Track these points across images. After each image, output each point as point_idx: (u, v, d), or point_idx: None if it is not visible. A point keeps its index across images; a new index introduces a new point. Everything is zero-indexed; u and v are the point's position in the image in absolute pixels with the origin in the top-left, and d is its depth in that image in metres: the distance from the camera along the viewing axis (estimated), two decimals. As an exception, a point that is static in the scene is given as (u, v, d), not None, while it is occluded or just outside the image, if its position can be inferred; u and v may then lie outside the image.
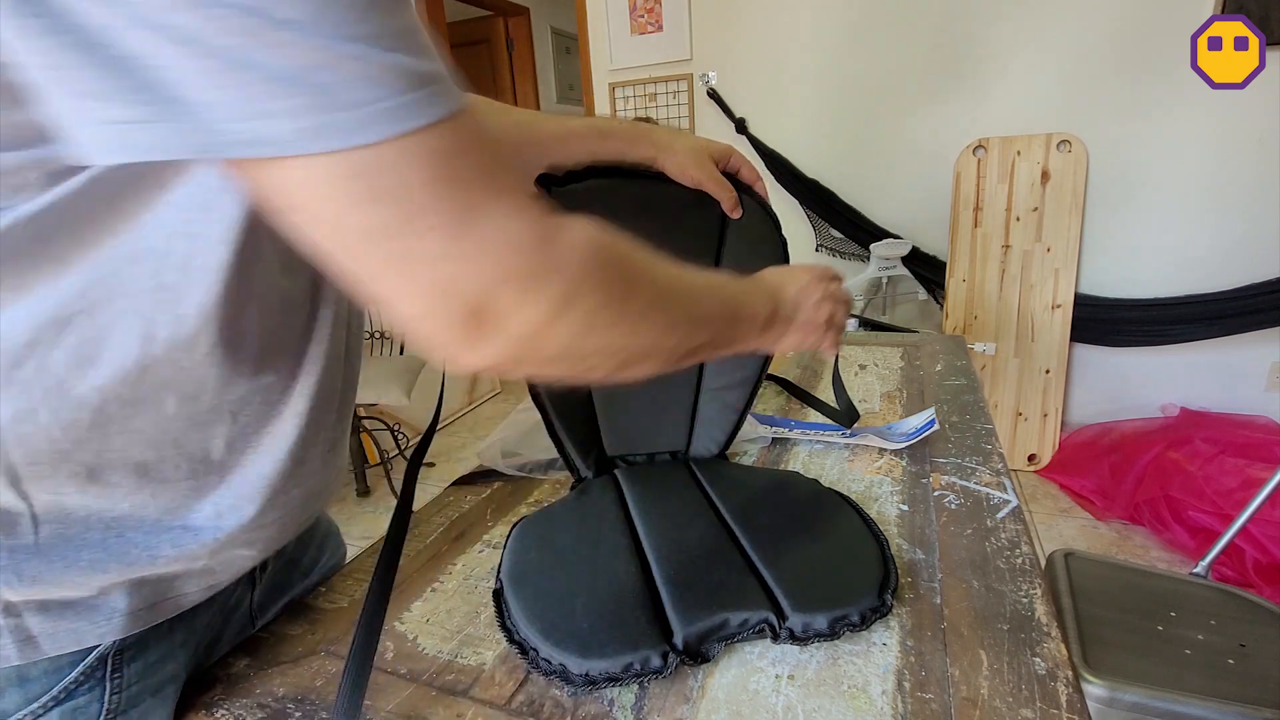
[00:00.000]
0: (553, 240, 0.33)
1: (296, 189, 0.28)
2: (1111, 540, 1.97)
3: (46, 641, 0.39)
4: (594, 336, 0.36)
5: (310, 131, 0.26)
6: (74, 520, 0.38)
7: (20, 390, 0.33)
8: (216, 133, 0.26)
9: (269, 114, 0.25)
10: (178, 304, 0.35)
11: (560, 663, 0.47)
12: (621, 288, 0.37)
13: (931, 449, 0.79)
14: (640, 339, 0.39)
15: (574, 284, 0.33)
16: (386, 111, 0.27)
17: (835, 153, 2.51)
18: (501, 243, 0.31)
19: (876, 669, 0.47)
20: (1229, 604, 1.05)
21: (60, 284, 0.32)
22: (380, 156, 0.27)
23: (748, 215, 0.71)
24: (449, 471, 2.57)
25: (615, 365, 0.39)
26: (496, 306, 0.31)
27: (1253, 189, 2.07)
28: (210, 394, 0.39)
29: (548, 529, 0.62)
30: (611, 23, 2.67)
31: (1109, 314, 2.27)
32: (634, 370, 0.40)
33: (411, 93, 0.27)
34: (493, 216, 0.30)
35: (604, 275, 0.35)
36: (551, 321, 0.33)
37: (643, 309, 0.38)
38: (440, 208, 0.29)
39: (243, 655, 0.52)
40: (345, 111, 0.26)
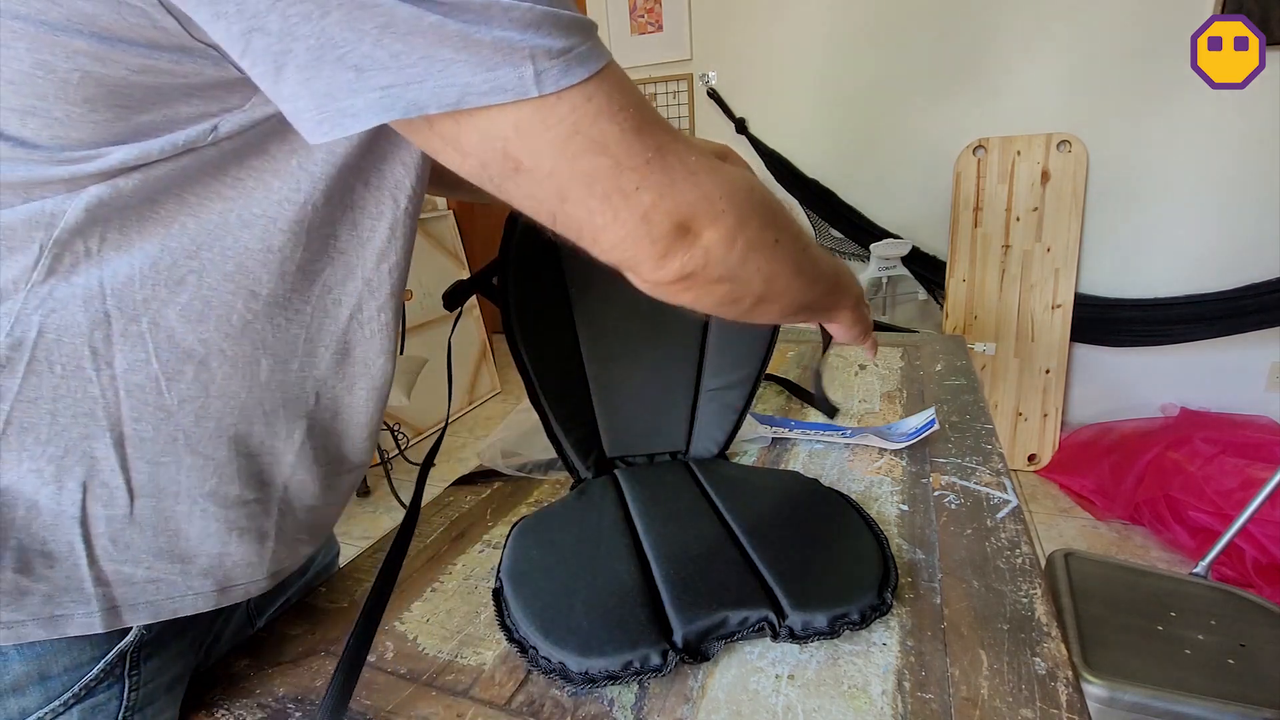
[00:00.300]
0: (724, 173, 0.37)
1: (521, 137, 0.31)
2: (1111, 540, 1.97)
3: (127, 612, 0.41)
4: (751, 260, 0.40)
5: (531, 78, 0.30)
6: (166, 494, 0.40)
7: (135, 342, 0.36)
8: (463, 86, 0.29)
9: (500, 65, 0.29)
10: (282, 264, 0.39)
11: (560, 661, 0.47)
12: (773, 223, 0.41)
13: (931, 449, 0.79)
14: (780, 274, 0.43)
15: (743, 210, 0.38)
16: (581, 56, 0.31)
17: (835, 153, 2.51)
18: (689, 174, 0.35)
19: (876, 669, 0.47)
20: (1229, 604, 1.05)
21: (178, 237, 0.36)
22: (589, 98, 0.31)
23: None
24: (449, 471, 2.57)
25: (756, 297, 0.42)
26: (692, 225, 0.36)
27: (1253, 189, 2.07)
28: (298, 362, 0.42)
29: (548, 529, 0.62)
30: (611, 23, 2.67)
31: (1109, 314, 2.27)
32: (764, 310, 0.44)
33: (588, 40, 0.32)
34: (677, 153, 0.35)
35: (761, 209, 0.40)
36: (729, 239, 0.37)
37: (786, 247, 0.42)
38: (638, 147, 0.33)
39: (243, 655, 0.52)
40: (553, 60, 0.30)
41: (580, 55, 0.31)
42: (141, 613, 0.41)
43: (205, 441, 0.40)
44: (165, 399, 0.38)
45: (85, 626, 0.39)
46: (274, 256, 0.38)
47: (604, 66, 0.32)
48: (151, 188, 0.34)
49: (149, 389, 0.37)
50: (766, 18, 2.46)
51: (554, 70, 0.30)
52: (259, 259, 0.38)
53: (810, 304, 0.49)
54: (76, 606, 0.39)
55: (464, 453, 2.76)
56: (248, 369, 0.40)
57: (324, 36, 0.27)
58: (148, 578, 0.41)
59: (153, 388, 0.37)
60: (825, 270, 0.50)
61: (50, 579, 0.38)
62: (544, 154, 0.32)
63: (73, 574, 0.38)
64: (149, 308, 0.36)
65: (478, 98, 0.29)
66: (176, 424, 0.39)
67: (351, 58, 0.28)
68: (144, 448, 0.38)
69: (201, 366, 0.38)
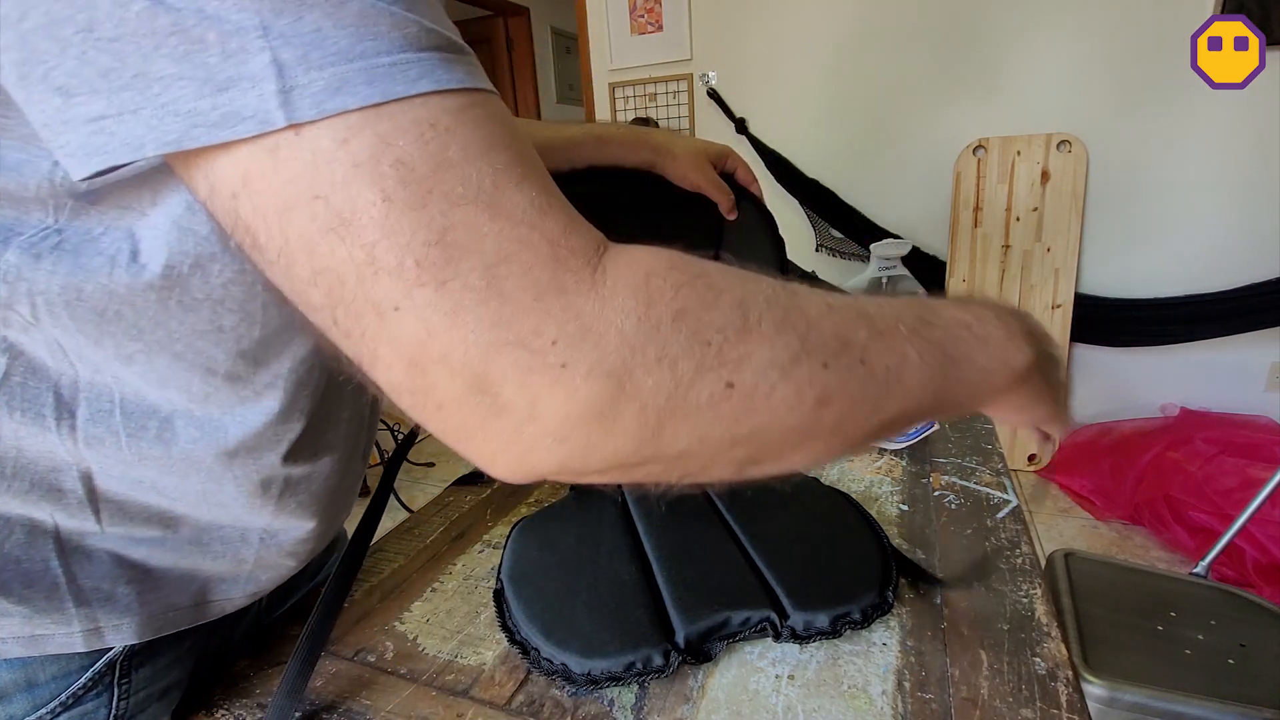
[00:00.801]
0: (595, 289, 0.23)
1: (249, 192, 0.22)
2: (1111, 540, 1.97)
3: (110, 633, 0.40)
4: (678, 426, 0.25)
5: (275, 96, 0.20)
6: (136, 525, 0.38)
7: (99, 393, 0.33)
8: (188, 115, 0.20)
9: (233, 79, 0.20)
10: (238, 342, 0.33)
11: (562, 662, 0.47)
12: (731, 350, 0.25)
13: (931, 449, 0.79)
14: (770, 426, 0.26)
15: (638, 347, 0.23)
16: (377, 70, 0.21)
17: (835, 153, 2.51)
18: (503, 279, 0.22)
19: (876, 669, 0.47)
20: (1229, 604, 1.04)
21: (115, 322, 0.31)
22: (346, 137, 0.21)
23: (744, 216, 0.71)
24: (449, 471, 2.57)
25: (729, 467, 0.27)
26: (500, 388, 0.22)
27: (1253, 189, 2.07)
28: (274, 429, 0.38)
29: (548, 529, 0.62)
30: (611, 23, 2.67)
31: (1109, 314, 2.27)
32: (771, 464, 0.28)
33: (412, 48, 0.21)
34: (481, 238, 0.22)
35: (698, 329, 0.24)
36: (599, 408, 0.23)
37: (770, 384, 0.26)
38: (405, 231, 0.21)
39: (243, 655, 0.52)
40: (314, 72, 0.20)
41: (373, 69, 0.21)
42: (126, 631, 0.40)
43: (173, 489, 0.38)
44: (126, 453, 0.35)
45: (65, 646, 0.39)
46: (226, 336, 0.33)
47: (425, 94, 0.21)
48: (66, 264, 0.28)
49: (109, 442, 0.34)
50: (766, 18, 2.46)
51: (314, 88, 0.20)
52: (210, 339, 0.32)
53: (896, 416, 0.30)
54: (57, 627, 0.38)
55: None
56: (215, 432, 0.36)
57: (26, 48, 0.20)
58: (128, 596, 0.40)
59: (113, 441, 0.34)
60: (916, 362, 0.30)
61: (29, 599, 0.37)
62: (272, 221, 0.22)
63: (52, 594, 0.37)
64: (110, 366, 0.32)
65: (205, 131, 0.20)
66: (142, 472, 0.36)
67: (56, 76, 0.20)
68: (111, 484, 0.36)
69: (165, 424, 0.35)
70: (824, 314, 0.28)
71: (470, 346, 0.22)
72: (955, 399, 0.32)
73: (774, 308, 0.27)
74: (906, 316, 0.31)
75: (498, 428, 0.23)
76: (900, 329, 0.30)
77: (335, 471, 0.45)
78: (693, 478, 0.28)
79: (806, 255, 2.62)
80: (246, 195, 0.22)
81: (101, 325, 0.30)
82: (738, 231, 0.71)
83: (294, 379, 0.37)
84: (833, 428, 0.28)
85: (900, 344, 0.29)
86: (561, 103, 4.63)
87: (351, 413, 0.45)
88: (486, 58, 4.24)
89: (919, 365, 0.30)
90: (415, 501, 2.38)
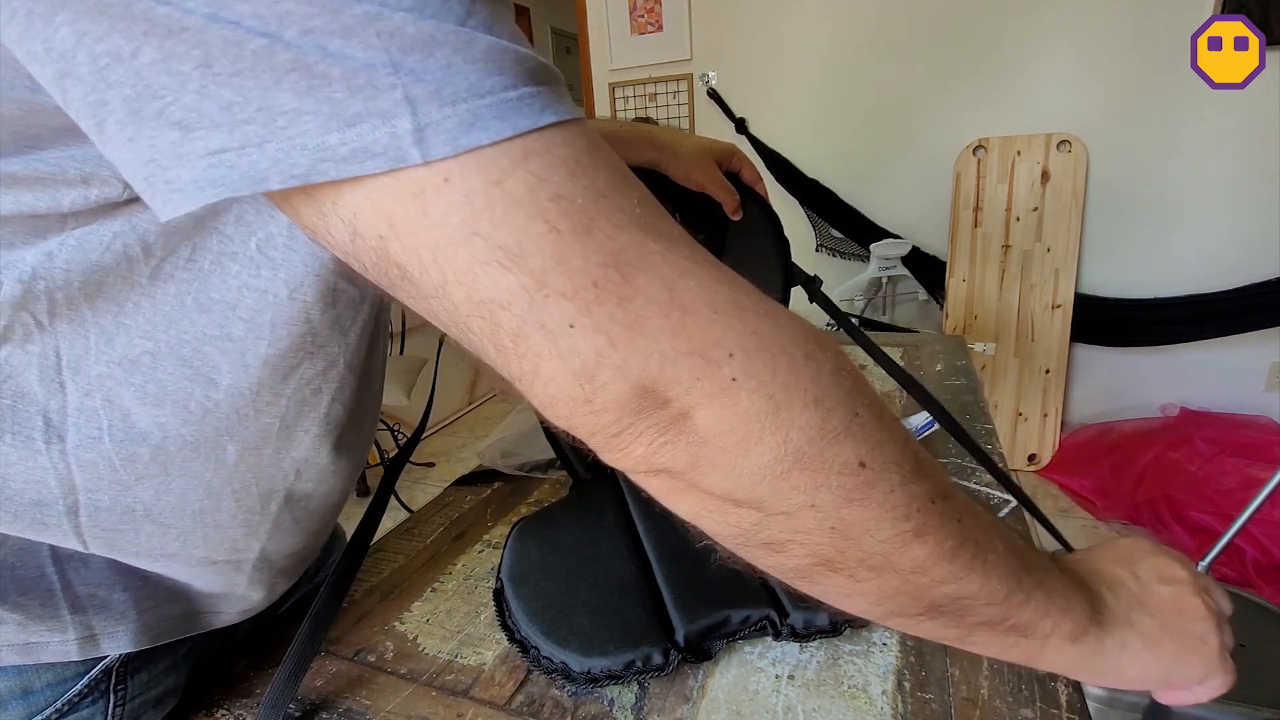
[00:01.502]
0: (759, 315, 0.25)
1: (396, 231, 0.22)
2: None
3: (106, 640, 0.40)
4: (801, 481, 0.25)
5: (409, 134, 0.20)
6: (125, 554, 0.38)
7: (89, 417, 0.33)
8: (316, 150, 0.20)
9: (363, 114, 0.20)
10: (244, 355, 0.33)
11: (562, 661, 0.47)
12: (860, 428, 0.26)
13: (931, 449, 0.79)
14: (870, 527, 0.26)
15: (789, 386, 0.24)
16: (503, 105, 0.21)
17: (835, 153, 2.51)
18: (673, 307, 0.23)
19: (876, 669, 0.47)
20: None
21: (133, 315, 0.31)
22: (500, 174, 0.21)
23: (749, 217, 0.71)
24: (449, 471, 2.57)
25: (814, 554, 0.27)
26: (669, 393, 0.24)
27: (1253, 189, 2.07)
28: (272, 447, 0.38)
29: (548, 528, 0.62)
30: (611, 23, 2.67)
31: (1109, 314, 2.27)
32: (837, 584, 0.28)
33: (528, 83, 0.22)
34: (654, 270, 0.23)
35: (834, 392, 0.25)
36: (749, 430, 0.24)
37: (891, 479, 0.26)
38: (578, 258, 0.22)
39: (243, 655, 0.52)
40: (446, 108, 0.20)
41: (502, 104, 0.21)
42: (121, 639, 0.40)
43: (167, 514, 0.37)
44: (120, 475, 0.35)
45: (60, 655, 0.38)
46: (233, 346, 0.33)
47: (547, 126, 0.22)
48: (88, 255, 0.29)
49: (101, 465, 0.34)
50: (766, 18, 2.46)
51: (448, 124, 0.20)
52: (217, 346, 0.33)
53: (956, 599, 0.29)
54: (51, 635, 0.38)
55: (464, 453, 2.76)
56: (211, 454, 0.36)
57: (140, 83, 0.20)
58: (125, 602, 0.40)
59: (105, 464, 0.34)
60: (996, 546, 0.30)
61: (24, 606, 0.36)
62: (426, 259, 0.22)
63: (47, 601, 0.37)
64: (104, 384, 0.32)
65: (334, 166, 0.21)
66: (135, 496, 0.36)
67: (174, 111, 0.20)
68: (100, 516, 0.36)
69: (158, 449, 0.35)
70: (938, 468, 0.30)
71: (652, 354, 0.23)
72: (1017, 622, 0.31)
73: (900, 434, 0.28)
74: (988, 519, 0.31)
75: (648, 424, 0.24)
76: (986, 519, 0.31)
77: (338, 489, 0.45)
78: (769, 550, 0.28)
79: (806, 255, 2.62)
80: (395, 237, 0.22)
81: (120, 319, 0.31)
82: (743, 232, 0.71)
83: (298, 400, 0.37)
84: (912, 568, 0.28)
85: (988, 529, 0.30)
86: (561, 103, 4.63)
87: (360, 432, 0.45)
88: (486, 58, 4.24)
89: (1000, 559, 0.30)
90: (415, 501, 2.38)
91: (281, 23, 0.19)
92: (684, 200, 0.68)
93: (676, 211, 0.69)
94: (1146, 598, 0.35)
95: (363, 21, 0.20)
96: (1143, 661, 0.34)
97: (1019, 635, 0.32)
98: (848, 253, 2.57)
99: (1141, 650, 0.34)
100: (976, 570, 0.29)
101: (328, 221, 0.23)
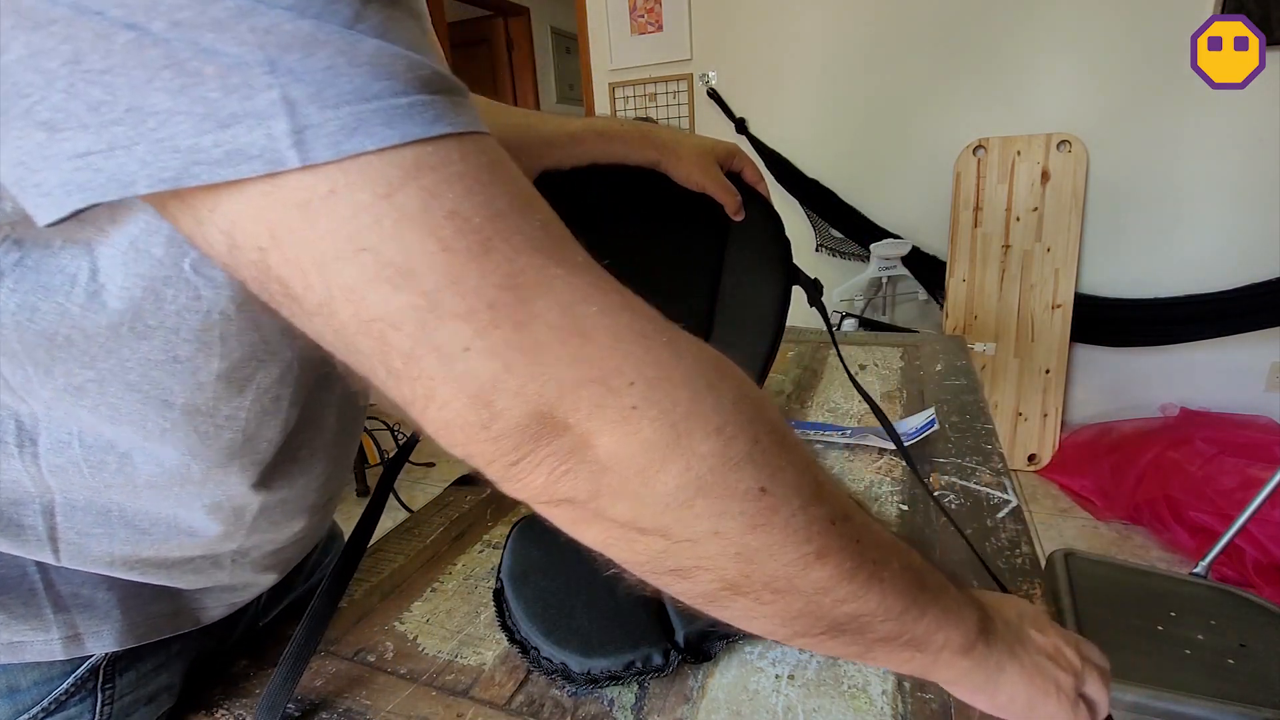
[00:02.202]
0: (663, 343, 0.24)
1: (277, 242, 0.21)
2: (1111, 540, 1.97)
3: (91, 639, 0.39)
4: (706, 508, 0.25)
5: (286, 135, 0.19)
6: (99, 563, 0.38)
7: (57, 424, 0.32)
8: (188, 152, 0.19)
9: (238, 115, 0.19)
10: (195, 374, 0.32)
11: (562, 661, 0.47)
12: (773, 457, 0.26)
13: (931, 449, 0.79)
14: (774, 552, 0.27)
15: (691, 412, 0.24)
16: (392, 111, 0.20)
17: (835, 153, 2.51)
18: (573, 332, 0.23)
19: (876, 669, 0.47)
20: (1229, 604, 1.04)
21: (65, 348, 0.29)
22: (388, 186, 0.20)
23: (751, 218, 0.70)
24: (449, 471, 2.57)
25: (716, 580, 0.28)
26: (568, 419, 0.23)
27: (1253, 189, 2.07)
28: (239, 462, 0.37)
29: (548, 528, 0.61)
30: (611, 23, 2.67)
31: (1109, 314, 2.27)
32: (746, 599, 0.29)
33: (420, 91, 0.21)
34: (554, 293, 0.23)
35: (737, 419, 0.25)
36: (653, 455, 0.24)
37: (793, 507, 0.27)
38: (474, 277, 0.21)
39: (243, 655, 0.52)
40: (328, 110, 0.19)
41: (391, 110, 0.20)
42: (106, 638, 0.40)
43: (141, 518, 0.37)
44: (90, 480, 0.34)
45: (44, 654, 0.38)
46: (181, 367, 0.31)
47: (442, 137, 0.21)
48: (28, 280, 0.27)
49: (72, 471, 0.33)
50: (766, 18, 2.46)
51: (329, 127, 0.19)
52: (164, 369, 0.31)
53: (855, 618, 0.31)
54: (35, 634, 0.37)
55: (464, 453, 2.75)
56: (177, 470, 0.35)
57: (7, 80, 0.19)
58: (108, 601, 0.39)
59: (75, 470, 0.33)
60: (892, 568, 0.31)
61: (6, 606, 0.36)
62: (310, 274, 0.21)
63: (30, 600, 0.37)
64: (59, 402, 0.31)
65: (207, 169, 0.19)
66: (110, 499, 0.35)
67: (41, 110, 0.19)
68: (74, 517, 0.35)
69: (125, 459, 0.34)
70: (840, 489, 0.30)
71: (549, 380, 0.23)
72: (913, 636, 0.33)
73: (806, 456, 0.29)
74: (887, 537, 0.33)
75: (548, 452, 0.24)
76: (885, 537, 0.32)
77: (315, 489, 0.44)
78: (677, 576, 0.28)
79: (807, 255, 2.62)
80: (276, 249, 0.21)
81: (52, 351, 0.29)
82: (744, 234, 0.71)
83: (257, 410, 0.36)
84: (808, 591, 0.29)
85: (885, 548, 0.32)
86: (562, 102, 4.63)
87: (334, 434, 0.44)
88: (486, 58, 4.24)
89: (897, 576, 0.32)
90: (415, 501, 2.38)
91: (148, 13, 0.18)
92: (684, 202, 0.68)
93: (676, 212, 0.69)
94: (1025, 638, 0.38)
95: (235, 15, 0.18)
96: (1015, 688, 0.37)
97: (914, 650, 0.34)
98: (848, 253, 2.57)
99: (1017, 677, 0.37)
100: (874, 588, 0.30)
101: (205, 230, 0.21)
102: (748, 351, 0.74)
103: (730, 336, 0.74)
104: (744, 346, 0.74)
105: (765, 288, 0.71)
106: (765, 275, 0.71)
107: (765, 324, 0.71)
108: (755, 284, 0.71)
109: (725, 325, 0.73)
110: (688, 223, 0.70)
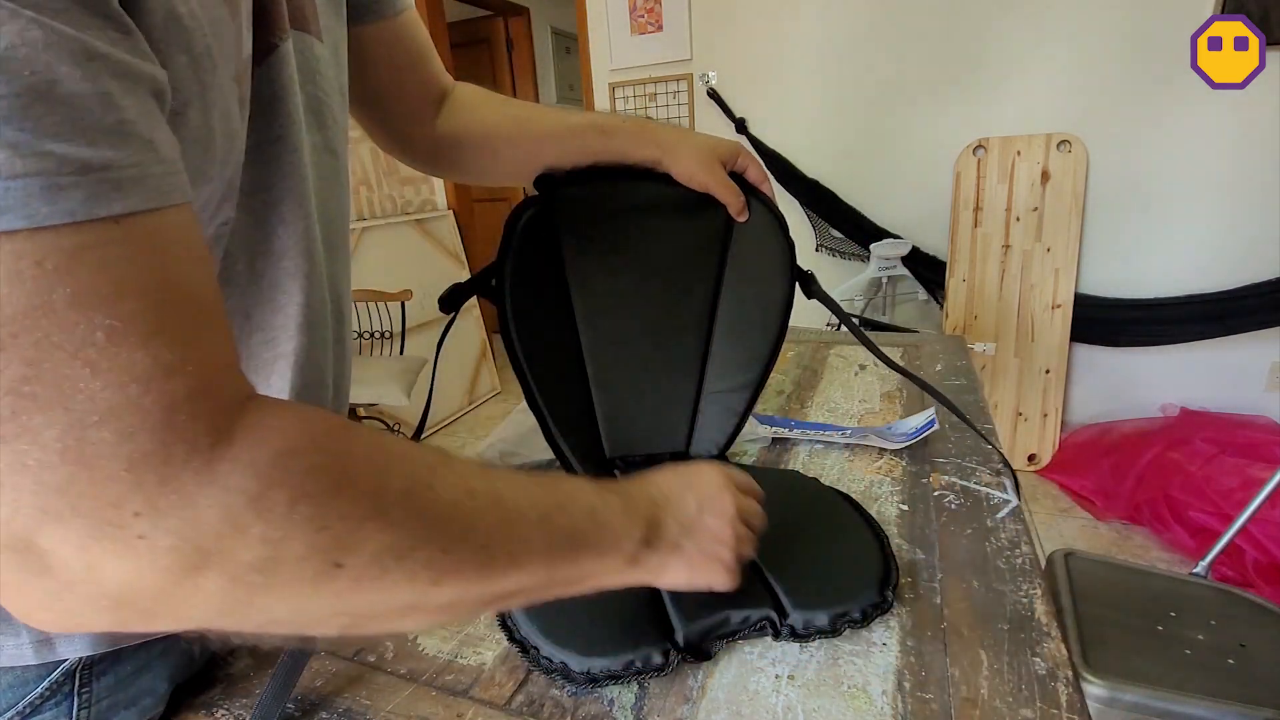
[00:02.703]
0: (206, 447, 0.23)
1: None
2: (1111, 540, 1.97)
3: (63, 643, 0.39)
4: (276, 599, 0.25)
5: None
6: None
7: None
8: None
9: None
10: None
11: (561, 661, 0.47)
12: (342, 535, 0.25)
13: (931, 449, 0.79)
14: (380, 605, 0.27)
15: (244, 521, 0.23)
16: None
17: (835, 153, 2.51)
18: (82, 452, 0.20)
19: (876, 669, 0.47)
20: (1229, 604, 1.04)
21: None
22: None
23: (754, 218, 0.70)
24: (449, 471, 2.57)
25: (338, 630, 0.28)
26: (45, 548, 0.21)
27: (1253, 189, 2.07)
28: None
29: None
30: (611, 23, 2.67)
31: (1109, 314, 2.27)
32: (375, 628, 0.29)
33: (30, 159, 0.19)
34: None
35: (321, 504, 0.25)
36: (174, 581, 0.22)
37: (385, 565, 0.26)
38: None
39: (243, 655, 0.52)
40: None
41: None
42: (78, 642, 0.39)
43: None
44: None
45: (15, 658, 0.38)
46: None
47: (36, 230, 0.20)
48: None
49: None
50: (767, 18, 2.46)
51: None
52: None
53: (512, 594, 0.33)
54: (5, 639, 0.37)
55: (464, 453, 2.75)
56: None
57: None
58: None
59: None
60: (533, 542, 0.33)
61: None
62: None
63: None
64: None
65: None
66: None
67: None
68: None
69: None
70: (460, 499, 0.30)
71: (20, 508, 0.21)
72: (570, 579, 0.36)
73: (410, 497, 0.28)
74: (541, 503, 0.34)
75: (38, 585, 0.22)
76: (530, 516, 0.33)
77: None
78: (290, 633, 0.28)
79: (807, 255, 2.62)
80: None
81: None
82: (747, 235, 0.70)
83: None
84: (442, 605, 0.30)
85: (526, 530, 0.32)
86: (561, 102, 4.63)
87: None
88: (486, 58, 4.24)
89: (541, 550, 0.33)
90: (415, 501, 2.37)
91: None
92: (687, 202, 0.68)
93: (679, 214, 0.68)
94: (696, 526, 0.43)
95: None
96: (678, 574, 0.42)
97: (574, 585, 0.37)
98: (848, 253, 2.57)
99: (680, 566, 0.42)
100: (513, 573, 0.32)
101: None
102: (751, 354, 0.74)
103: (732, 338, 0.74)
104: (746, 349, 0.74)
105: (769, 290, 0.71)
106: (769, 276, 0.71)
107: (769, 326, 0.71)
108: (759, 286, 0.71)
109: (727, 326, 0.73)
110: (689, 223, 0.70)
